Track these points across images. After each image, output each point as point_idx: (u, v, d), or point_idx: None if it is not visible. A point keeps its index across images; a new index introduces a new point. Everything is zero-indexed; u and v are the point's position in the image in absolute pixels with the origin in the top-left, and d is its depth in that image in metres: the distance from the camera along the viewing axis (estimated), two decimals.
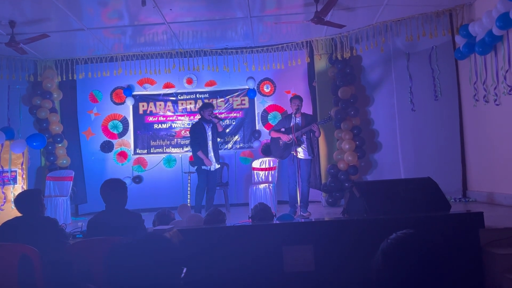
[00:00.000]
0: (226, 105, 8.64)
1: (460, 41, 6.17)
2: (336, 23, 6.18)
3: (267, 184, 7.07)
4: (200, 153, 6.54)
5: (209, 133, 6.69)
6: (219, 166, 6.89)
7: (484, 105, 5.88)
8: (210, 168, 6.64)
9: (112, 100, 8.65)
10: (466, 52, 6.02)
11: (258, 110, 8.64)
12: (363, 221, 3.72)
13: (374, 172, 7.59)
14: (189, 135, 7.18)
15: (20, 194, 3.65)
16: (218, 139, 7.06)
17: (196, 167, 6.75)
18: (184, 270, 1.38)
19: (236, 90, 8.61)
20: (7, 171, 6.48)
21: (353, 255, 3.30)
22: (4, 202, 6.43)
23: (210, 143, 6.67)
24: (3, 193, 6.45)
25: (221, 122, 7.04)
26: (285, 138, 6.21)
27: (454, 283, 1.22)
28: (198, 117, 7.18)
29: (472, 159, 6.45)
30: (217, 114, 7.51)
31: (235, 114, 8.65)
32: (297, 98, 6.29)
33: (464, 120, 6.61)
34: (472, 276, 3.46)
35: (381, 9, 6.46)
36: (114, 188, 3.39)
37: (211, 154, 6.66)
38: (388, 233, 1.32)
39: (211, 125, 6.70)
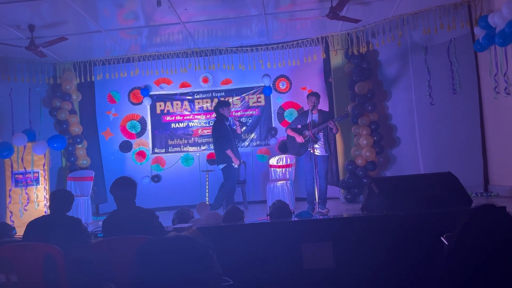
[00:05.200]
0: (242, 103, 8.65)
1: (479, 32, 6.04)
2: (352, 18, 6.12)
3: (284, 181, 7.07)
4: (229, 152, 6.49)
5: (230, 131, 6.76)
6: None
7: (505, 98, 5.76)
8: (236, 166, 6.68)
9: (129, 101, 8.75)
10: (486, 44, 5.90)
11: (274, 107, 8.63)
12: (383, 217, 3.69)
13: (393, 168, 7.50)
14: (213, 134, 6.86)
15: (58, 191, 3.80)
16: None
17: (225, 165, 6.61)
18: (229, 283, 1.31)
19: (252, 88, 8.62)
20: (30, 172, 6.62)
21: (373, 252, 3.27)
22: (28, 203, 6.57)
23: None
24: (26, 193, 6.60)
25: (242, 128, 7.03)
26: (299, 139, 6.20)
27: None
28: (214, 115, 7.12)
29: (494, 152, 6.32)
30: (239, 118, 7.62)
31: (251, 112, 8.66)
32: (313, 95, 6.27)
33: (484, 113, 6.48)
34: None
35: (398, 2, 6.38)
36: (121, 186, 3.41)
37: (236, 152, 6.73)
38: (408, 229, 1.30)
39: (229, 122, 6.75)
